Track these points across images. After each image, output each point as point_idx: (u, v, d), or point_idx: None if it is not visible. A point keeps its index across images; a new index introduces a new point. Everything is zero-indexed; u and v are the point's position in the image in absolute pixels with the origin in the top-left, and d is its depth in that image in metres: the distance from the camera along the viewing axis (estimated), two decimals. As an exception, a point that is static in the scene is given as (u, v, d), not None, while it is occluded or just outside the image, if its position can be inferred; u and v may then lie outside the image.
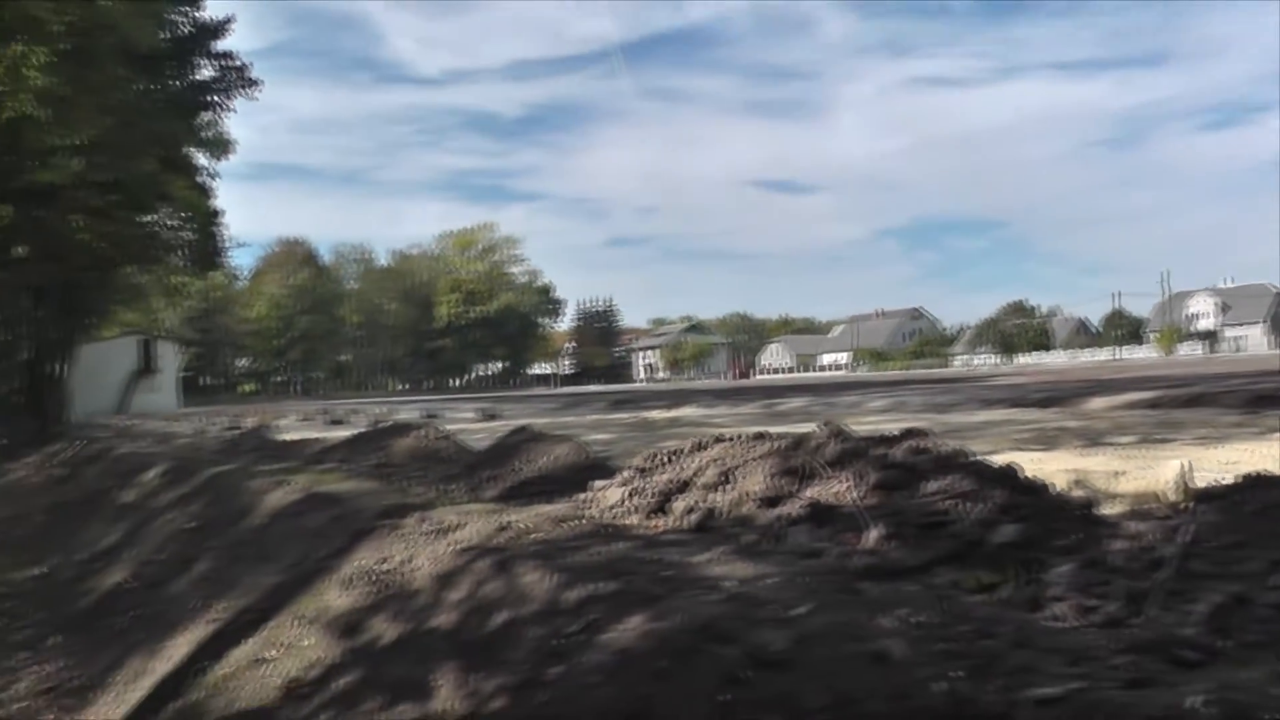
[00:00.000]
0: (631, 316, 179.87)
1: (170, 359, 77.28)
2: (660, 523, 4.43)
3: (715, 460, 4.76)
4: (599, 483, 5.41)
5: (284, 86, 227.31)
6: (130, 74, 26.97)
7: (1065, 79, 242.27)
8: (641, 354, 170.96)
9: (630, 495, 4.80)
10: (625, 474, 5.10)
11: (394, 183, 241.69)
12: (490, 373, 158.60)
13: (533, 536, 4.35)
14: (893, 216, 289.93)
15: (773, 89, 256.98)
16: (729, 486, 4.49)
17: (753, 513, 4.28)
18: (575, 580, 3.67)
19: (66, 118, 24.61)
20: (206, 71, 32.61)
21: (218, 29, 32.08)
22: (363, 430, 10.72)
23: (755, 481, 4.43)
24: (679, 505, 4.47)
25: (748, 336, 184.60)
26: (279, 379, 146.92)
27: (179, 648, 5.70)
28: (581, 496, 5.33)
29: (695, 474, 4.68)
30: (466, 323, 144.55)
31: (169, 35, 30.70)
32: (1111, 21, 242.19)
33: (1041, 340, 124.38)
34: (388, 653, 3.99)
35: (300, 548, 5.89)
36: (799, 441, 4.67)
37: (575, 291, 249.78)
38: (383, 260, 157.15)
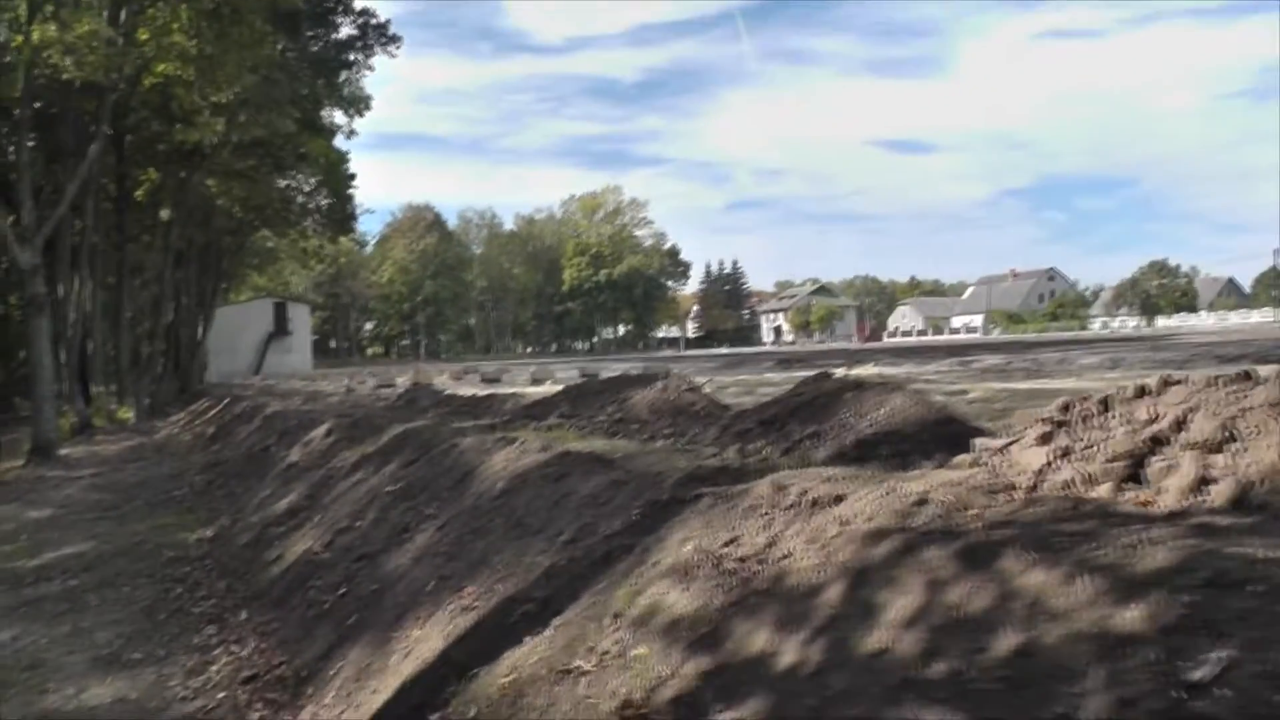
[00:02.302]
0: (756, 280, 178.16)
1: (303, 321, 78.92)
2: (1147, 496, 3.06)
3: (1186, 409, 3.36)
4: (987, 441, 4.08)
5: (408, 58, 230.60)
6: (273, 31, 26.51)
7: (1205, 26, 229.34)
8: (768, 317, 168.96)
9: (1060, 455, 3.44)
10: (1038, 429, 3.73)
11: (516, 150, 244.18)
12: (615, 336, 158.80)
13: (971, 514, 3.03)
14: (1017, 176, 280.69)
15: (896, 47, 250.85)
16: (1237, 446, 3.09)
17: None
18: (1128, 588, 2.34)
19: (212, 77, 24.24)
20: (346, 30, 32.21)
21: (358, -15, 31.60)
22: (581, 382, 9.55)
23: (1286, 439, 3.02)
24: (1171, 474, 3.09)
25: (874, 299, 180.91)
26: (405, 342, 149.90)
27: (422, 640, 4.58)
28: (963, 459, 4.01)
29: (1170, 429, 3.28)
30: (592, 286, 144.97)
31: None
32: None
33: (1186, 301, 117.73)
34: (792, 682, 2.73)
35: (573, 520, 4.71)
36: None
37: (697, 255, 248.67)
38: (508, 225, 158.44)
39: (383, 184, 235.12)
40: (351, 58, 32.56)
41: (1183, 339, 31.63)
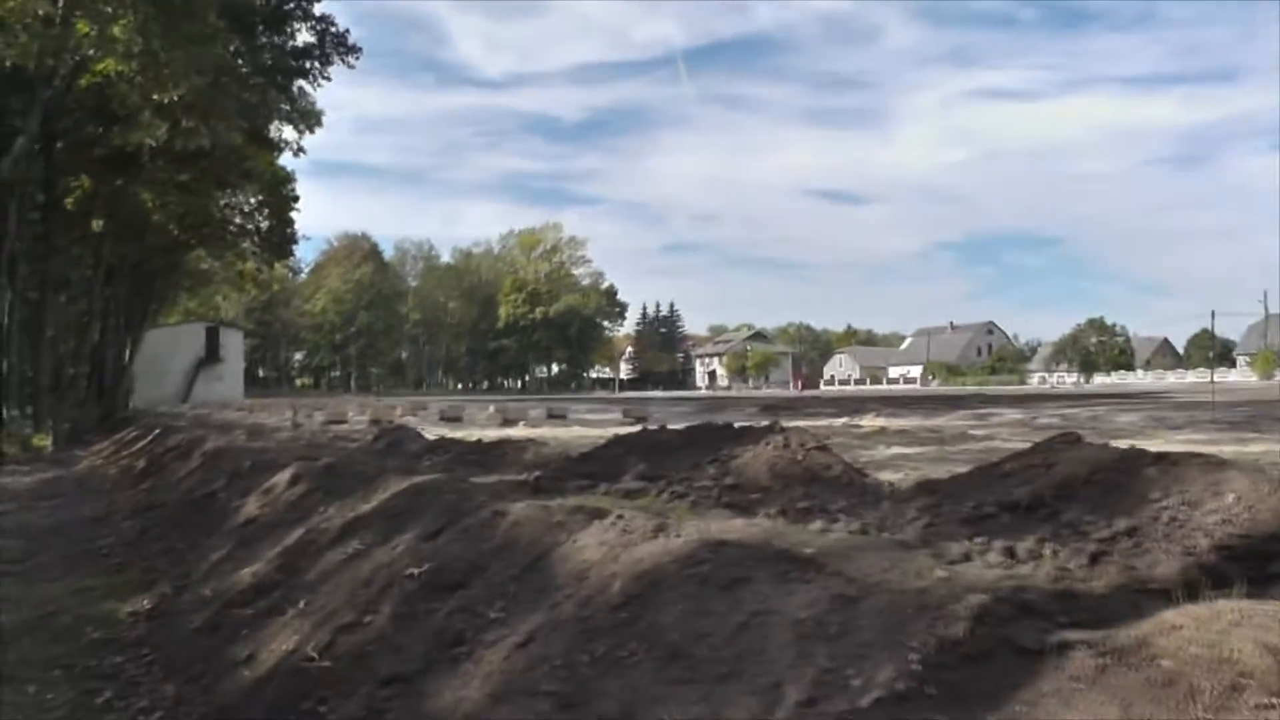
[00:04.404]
0: (688, 323, 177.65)
1: (236, 348, 75.87)
2: None
3: None
4: None
5: (348, 85, 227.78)
6: (225, 30, 24.46)
7: (1131, 94, 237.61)
8: (702, 361, 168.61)
9: None
10: None
11: (453, 183, 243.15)
12: (548, 375, 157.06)
13: None
14: (949, 230, 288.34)
15: (834, 98, 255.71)
16: None
17: None
18: None
19: (157, 75, 22.12)
20: (303, 37, 30.16)
21: (317, -10, 29.57)
22: (650, 431, 7.69)
23: None
24: None
25: (808, 347, 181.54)
26: (335, 374, 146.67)
27: None
28: None
29: None
30: (528, 324, 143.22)
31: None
32: (1181, 35, 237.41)
33: (1124, 360, 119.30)
34: None
35: (793, 662, 2.94)
36: None
37: (632, 297, 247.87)
38: (445, 258, 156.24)
39: (317, 211, 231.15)
40: (307, 65, 30.47)
41: (1173, 396, 30.85)
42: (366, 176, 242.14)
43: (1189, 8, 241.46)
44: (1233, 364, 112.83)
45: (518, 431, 16.74)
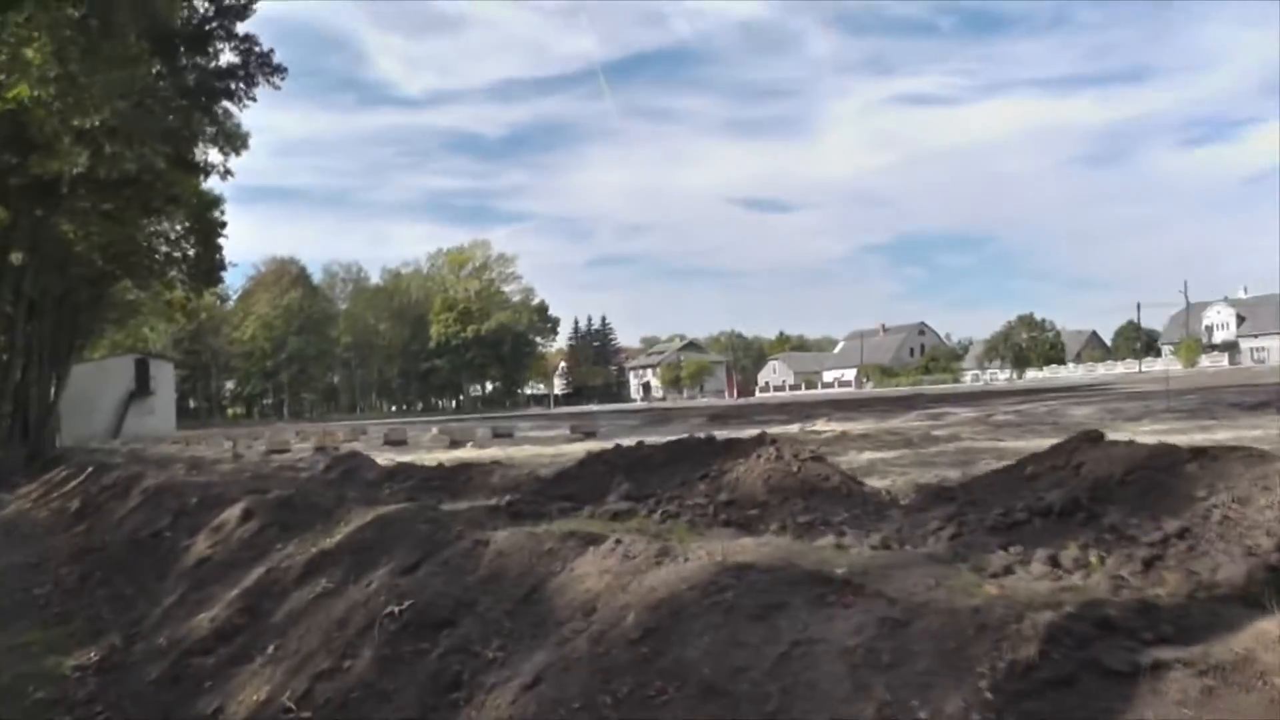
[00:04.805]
0: (620, 336, 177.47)
1: (167, 380, 73.99)
2: None
3: None
4: None
5: (268, 108, 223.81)
6: (148, 51, 23.69)
7: (1047, 95, 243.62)
8: (636, 373, 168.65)
9: None
10: None
11: (377, 204, 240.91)
12: (482, 393, 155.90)
13: None
14: (877, 233, 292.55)
15: (756, 107, 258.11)
16: None
17: None
18: None
19: (77, 101, 21.32)
20: (226, 57, 29.37)
21: (241, 10, 28.74)
22: (630, 447, 7.34)
23: None
24: None
25: (741, 355, 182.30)
26: (267, 402, 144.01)
27: None
28: None
29: None
30: (460, 343, 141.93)
31: (187, 14, 27.42)
32: (1094, 37, 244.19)
33: (1055, 354, 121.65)
34: None
35: (849, 696, 2.70)
36: None
37: (560, 312, 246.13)
38: (375, 279, 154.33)
39: (243, 236, 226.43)
40: (232, 86, 29.68)
41: (1113, 387, 31.35)
42: (291, 200, 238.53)
43: (1100, 11, 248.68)
44: (1158, 353, 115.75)
45: (469, 453, 16.37)
